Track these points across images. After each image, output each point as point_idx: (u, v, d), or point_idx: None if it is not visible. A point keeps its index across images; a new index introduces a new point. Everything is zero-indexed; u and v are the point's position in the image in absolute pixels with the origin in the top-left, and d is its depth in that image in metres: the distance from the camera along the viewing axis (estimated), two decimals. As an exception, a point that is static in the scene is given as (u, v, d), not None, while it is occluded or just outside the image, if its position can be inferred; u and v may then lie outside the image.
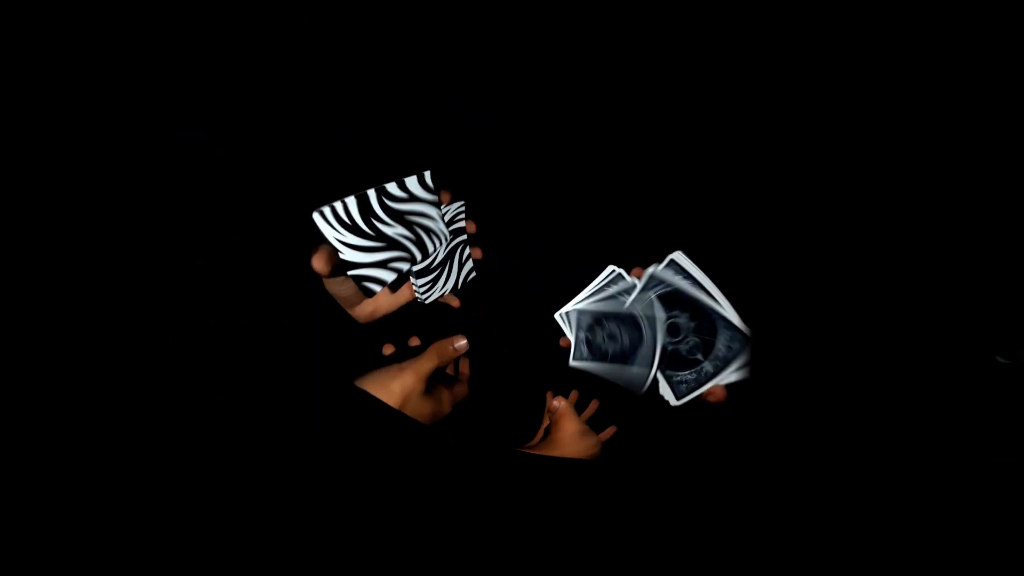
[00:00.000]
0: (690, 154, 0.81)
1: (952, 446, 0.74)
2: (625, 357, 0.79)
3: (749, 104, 0.81)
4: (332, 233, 0.69)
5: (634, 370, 0.77)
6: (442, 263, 0.79)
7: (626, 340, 0.79)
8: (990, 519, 0.52)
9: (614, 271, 0.81)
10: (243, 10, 0.77)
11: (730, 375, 0.72)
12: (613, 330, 0.80)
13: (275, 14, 0.77)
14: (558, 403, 0.86)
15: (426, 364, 0.78)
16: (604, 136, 0.81)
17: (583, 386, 0.89)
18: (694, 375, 0.73)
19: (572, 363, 0.81)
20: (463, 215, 0.80)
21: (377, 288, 0.73)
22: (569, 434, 0.85)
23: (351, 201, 0.69)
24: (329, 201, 0.70)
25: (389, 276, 0.74)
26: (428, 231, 0.75)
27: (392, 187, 0.72)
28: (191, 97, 0.76)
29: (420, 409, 0.77)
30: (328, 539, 0.78)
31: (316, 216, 0.69)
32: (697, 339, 0.74)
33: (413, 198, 0.73)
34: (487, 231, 0.81)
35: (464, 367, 0.88)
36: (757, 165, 0.81)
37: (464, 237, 0.82)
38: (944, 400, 0.74)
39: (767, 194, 0.80)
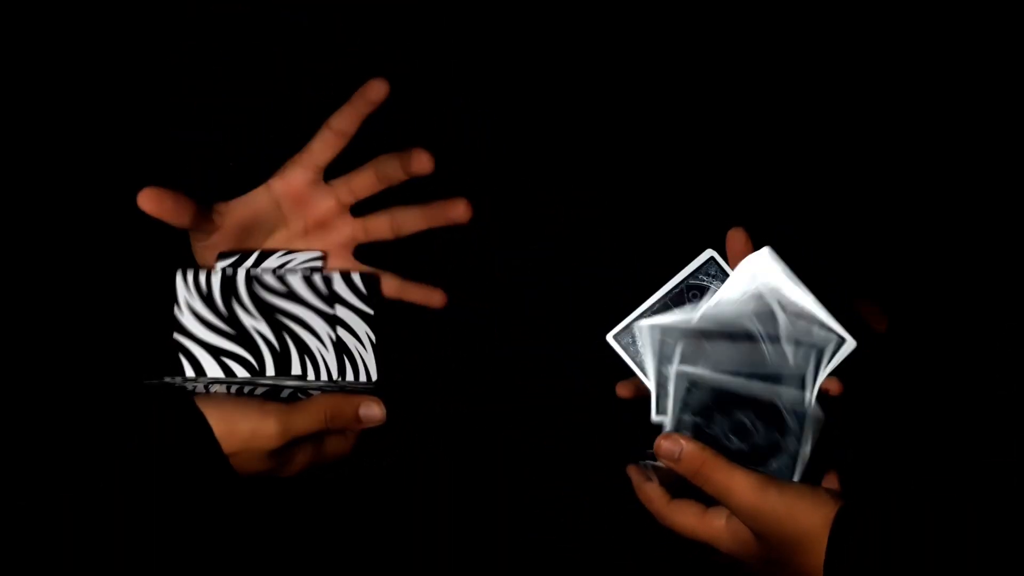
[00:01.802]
0: (692, 154, 0.81)
1: (951, 446, 0.74)
2: (761, 457, 0.58)
3: (752, 103, 0.81)
4: (183, 293, 0.62)
5: (772, 466, 0.58)
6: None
7: (760, 434, 0.58)
8: (990, 519, 0.52)
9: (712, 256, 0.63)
10: (243, 10, 0.77)
11: (814, 433, 0.58)
12: (743, 421, 0.58)
13: (275, 14, 0.77)
14: (682, 445, 0.56)
15: (302, 421, 0.59)
16: (604, 136, 0.81)
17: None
18: (785, 457, 0.58)
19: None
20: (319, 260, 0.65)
21: (189, 371, 0.62)
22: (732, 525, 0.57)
23: (215, 276, 0.63)
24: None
25: (214, 370, 0.62)
26: (302, 347, 0.64)
27: (269, 278, 0.64)
28: (191, 97, 0.76)
29: (256, 464, 0.58)
30: (328, 540, 0.78)
31: (178, 275, 0.63)
32: (763, 427, 0.58)
33: (293, 297, 0.64)
34: (487, 231, 0.81)
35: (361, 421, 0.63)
36: (759, 163, 0.81)
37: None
38: (944, 400, 0.74)
39: (769, 193, 0.80)
